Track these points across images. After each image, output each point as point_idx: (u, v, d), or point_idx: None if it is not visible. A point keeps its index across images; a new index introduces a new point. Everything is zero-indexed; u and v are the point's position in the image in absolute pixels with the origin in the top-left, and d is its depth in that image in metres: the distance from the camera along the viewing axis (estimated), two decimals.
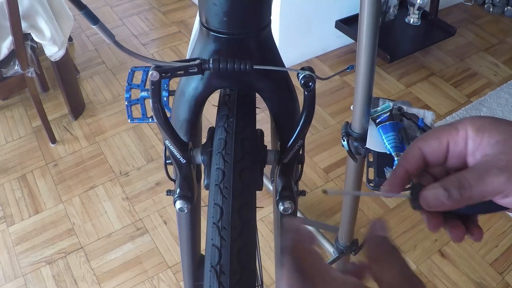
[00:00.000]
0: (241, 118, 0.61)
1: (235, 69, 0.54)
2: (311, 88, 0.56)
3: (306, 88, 0.56)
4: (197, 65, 0.54)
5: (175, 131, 0.60)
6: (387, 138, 0.88)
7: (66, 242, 1.55)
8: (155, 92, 0.55)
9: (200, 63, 0.54)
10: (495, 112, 2.05)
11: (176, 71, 0.54)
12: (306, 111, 0.59)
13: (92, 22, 0.50)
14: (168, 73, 0.54)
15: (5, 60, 1.61)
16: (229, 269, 0.49)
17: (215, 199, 0.54)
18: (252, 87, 0.64)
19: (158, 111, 0.57)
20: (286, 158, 0.63)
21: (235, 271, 0.49)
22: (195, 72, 0.55)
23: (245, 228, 0.52)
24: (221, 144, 0.57)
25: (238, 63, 0.54)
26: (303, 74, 0.56)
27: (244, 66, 0.54)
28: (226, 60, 0.54)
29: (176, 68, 0.54)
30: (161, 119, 0.57)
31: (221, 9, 0.56)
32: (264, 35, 0.62)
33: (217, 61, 0.54)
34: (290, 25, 2.14)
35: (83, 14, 0.49)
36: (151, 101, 0.56)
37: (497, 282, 1.46)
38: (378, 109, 0.95)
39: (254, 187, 0.58)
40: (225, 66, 0.54)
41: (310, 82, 0.56)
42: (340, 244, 1.28)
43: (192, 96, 0.64)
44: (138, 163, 1.81)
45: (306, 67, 0.57)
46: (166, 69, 0.53)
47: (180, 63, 0.54)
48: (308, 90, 0.57)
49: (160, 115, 0.57)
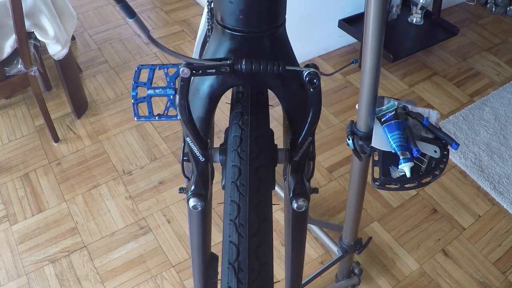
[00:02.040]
0: (255, 115, 0.61)
1: (267, 70, 0.54)
2: (316, 84, 0.57)
3: (311, 85, 0.57)
4: (229, 65, 0.54)
5: (197, 129, 0.60)
6: (392, 137, 0.87)
7: (69, 241, 1.55)
8: (183, 89, 0.55)
9: (233, 63, 0.54)
10: (498, 111, 2.05)
11: (207, 69, 0.54)
12: (313, 108, 0.59)
13: (129, 15, 0.49)
14: (199, 71, 0.53)
15: (9, 58, 1.61)
16: (247, 265, 0.49)
17: (231, 196, 0.53)
18: (266, 85, 0.64)
19: (184, 108, 0.56)
20: (297, 155, 0.63)
21: (253, 268, 0.49)
22: (226, 72, 0.55)
23: (263, 224, 0.52)
24: (236, 142, 0.57)
25: (271, 65, 0.54)
26: (308, 71, 0.56)
27: (277, 67, 0.54)
28: (259, 61, 0.54)
29: (207, 67, 0.54)
30: (186, 116, 0.57)
31: (237, 7, 0.56)
32: (279, 33, 0.61)
33: (250, 62, 0.54)
34: (293, 24, 2.13)
35: (121, 7, 0.48)
36: (178, 98, 0.55)
37: (500, 281, 1.46)
38: (383, 108, 0.95)
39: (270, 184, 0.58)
40: (258, 67, 0.54)
41: (314, 79, 0.56)
42: (344, 243, 1.28)
43: (207, 94, 0.64)
44: (142, 162, 1.81)
45: (311, 64, 0.57)
46: (197, 67, 0.53)
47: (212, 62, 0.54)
48: (313, 87, 0.57)
49: (186, 112, 0.57)
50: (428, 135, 0.91)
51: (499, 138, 1.92)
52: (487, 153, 1.86)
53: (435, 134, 0.90)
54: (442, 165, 0.87)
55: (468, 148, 1.88)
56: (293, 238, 0.79)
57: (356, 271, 1.41)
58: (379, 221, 1.63)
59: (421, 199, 1.70)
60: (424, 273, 1.49)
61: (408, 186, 0.84)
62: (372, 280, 1.47)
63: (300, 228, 0.78)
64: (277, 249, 1.54)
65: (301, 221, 0.77)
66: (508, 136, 1.93)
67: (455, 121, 2.00)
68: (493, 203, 1.69)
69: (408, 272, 1.49)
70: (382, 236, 1.59)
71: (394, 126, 0.89)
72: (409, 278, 1.48)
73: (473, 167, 1.80)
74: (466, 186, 1.75)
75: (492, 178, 1.76)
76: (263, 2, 0.57)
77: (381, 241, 1.57)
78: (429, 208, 1.68)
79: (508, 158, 1.84)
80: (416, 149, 0.85)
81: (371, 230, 1.60)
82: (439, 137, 0.90)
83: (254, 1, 0.56)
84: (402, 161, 0.84)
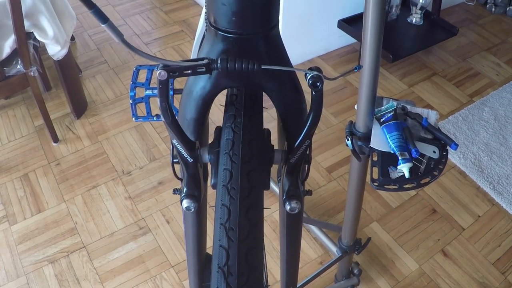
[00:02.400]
0: (248, 118, 0.61)
1: (243, 69, 0.54)
2: (319, 88, 0.56)
3: (314, 88, 0.56)
4: (205, 64, 0.54)
5: (182, 130, 0.60)
6: (391, 137, 0.87)
7: (68, 241, 1.55)
8: (163, 91, 0.55)
9: (208, 62, 0.54)
10: (498, 112, 2.05)
11: (184, 71, 0.54)
12: (313, 111, 0.59)
13: (101, 21, 0.50)
14: (176, 72, 0.53)
15: (8, 59, 1.61)
16: (236, 270, 0.49)
17: (222, 200, 0.53)
18: (259, 86, 0.64)
19: (165, 111, 0.56)
20: (293, 158, 0.63)
21: (243, 272, 0.49)
22: (203, 72, 0.55)
23: (253, 229, 0.52)
24: (228, 145, 0.57)
25: (246, 63, 0.54)
26: (311, 74, 0.56)
27: (252, 66, 0.54)
28: (234, 59, 0.54)
29: (184, 68, 0.54)
30: (169, 118, 0.57)
31: (230, 9, 0.56)
32: (272, 35, 0.61)
33: (225, 61, 0.54)
34: (292, 24, 2.14)
35: (93, 13, 0.49)
36: (158, 100, 0.55)
37: (499, 282, 1.46)
38: (382, 109, 0.95)
39: (262, 187, 0.57)
40: (233, 66, 0.54)
41: (318, 82, 0.56)
42: (343, 244, 1.28)
43: (200, 95, 0.64)
44: (141, 162, 1.81)
45: (314, 67, 0.57)
46: (174, 69, 0.53)
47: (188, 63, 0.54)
48: (316, 90, 0.57)
49: (168, 114, 0.57)
50: (427, 135, 0.91)
51: (498, 138, 1.92)
52: (486, 153, 1.86)
53: (434, 135, 0.90)
54: (441, 166, 0.86)
55: (467, 148, 1.88)
56: (287, 240, 0.79)
57: (356, 271, 1.41)
58: (378, 221, 1.63)
59: (420, 199, 1.70)
60: (424, 274, 1.49)
61: (407, 187, 0.84)
62: (371, 281, 1.46)
63: (295, 229, 0.78)
64: (276, 249, 1.54)
65: (295, 223, 0.77)
66: (508, 136, 1.93)
67: (455, 121, 2.00)
68: (492, 203, 1.69)
69: (408, 272, 1.49)
70: (381, 236, 1.59)
71: (393, 127, 0.89)
72: (408, 278, 1.48)
73: (473, 167, 1.80)
74: (465, 186, 1.75)
75: (491, 178, 1.76)
76: (256, 4, 0.57)
77: (381, 241, 1.57)
78: (429, 209, 1.68)
79: (507, 159, 1.83)
80: (415, 150, 0.85)
81: (371, 231, 1.60)
82: (438, 138, 0.90)
83: (247, 3, 0.56)
84: (401, 162, 0.84)
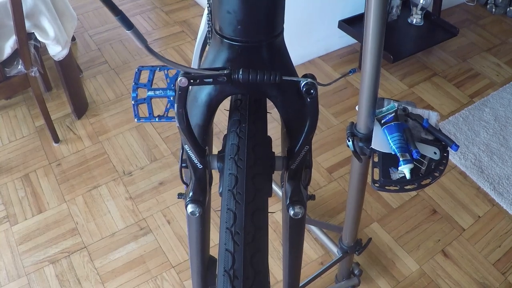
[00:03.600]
0: (253, 123, 0.61)
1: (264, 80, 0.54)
2: (313, 95, 0.57)
3: (308, 95, 0.57)
4: (227, 74, 0.54)
5: (195, 136, 0.60)
6: (392, 138, 0.88)
7: (69, 242, 1.55)
8: (181, 98, 0.55)
9: (230, 73, 0.55)
10: (498, 112, 2.05)
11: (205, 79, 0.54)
12: (310, 117, 0.60)
13: (126, 27, 0.50)
14: (197, 80, 0.54)
15: (9, 59, 1.61)
16: (242, 273, 0.49)
17: (228, 204, 0.54)
18: (264, 93, 0.64)
19: (181, 116, 0.57)
20: (294, 163, 0.63)
21: (248, 276, 0.49)
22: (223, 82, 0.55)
23: (258, 233, 0.52)
24: (233, 150, 0.58)
25: (268, 74, 0.54)
26: (305, 82, 0.56)
27: (274, 77, 0.54)
28: (256, 71, 0.54)
29: (205, 76, 0.54)
30: (184, 124, 0.57)
31: (235, 17, 0.56)
32: (277, 42, 0.62)
33: (247, 72, 0.54)
34: (292, 25, 2.14)
35: (119, 20, 0.49)
36: (175, 107, 0.56)
37: (500, 282, 1.46)
38: (383, 110, 0.95)
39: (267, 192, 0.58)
40: (255, 77, 0.54)
41: (311, 90, 0.56)
42: (344, 244, 1.29)
43: (205, 102, 0.64)
44: (142, 162, 1.81)
45: (308, 74, 0.57)
46: (194, 76, 0.53)
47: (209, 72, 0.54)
48: (310, 97, 0.57)
49: (183, 120, 0.57)
50: (428, 136, 0.91)
51: (499, 139, 1.92)
52: (487, 154, 1.86)
53: (435, 136, 0.91)
54: (442, 167, 0.87)
55: (468, 149, 1.88)
56: (290, 243, 0.79)
57: (356, 272, 1.41)
58: (379, 222, 1.63)
59: (421, 200, 1.70)
60: (424, 274, 1.49)
61: (408, 188, 0.85)
62: (372, 281, 1.47)
63: (298, 234, 0.78)
64: (277, 250, 1.54)
65: (298, 227, 0.78)
66: (508, 137, 1.94)
67: (455, 122, 2.00)
68: (493, 204, 1.70)
69: (408, 273, 1.49)
70: (382, 237, 1.59)
71: (394, 128, 0.89)
72: (408, 279, 1.48)
73: (473, 168, 1.80)
74: (466, 187, 1.75)
75: (492, 179, 1.76)
76: (261, 12, 0.58)
77: (381, 242, 1.57)
78: (429, 209, 1.68)
79: (508, 159, 1.84)
80: (415, 151, 0.85)
81: (371, 231, 1.60)
82: (438, 139, 0.90)
83: (252, 12, 0.57)
84: (401, 163, 0.84)
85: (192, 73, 0.54)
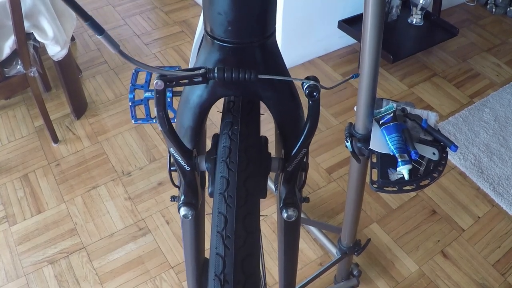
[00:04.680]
0: (245, 125, 0.60)
1: (239, 78, 0.54)
2: (316, 97, 0.57)
3: (311, 98, 0.57)
4: (202, 74, 0.54)
5: (179, 138, 0.60)
6: (391, 139, 0.87)
7: (68, 242, 1.55)
8: (159, 100, 0.55)
9: (205, 72, 0.54)
10: (498, 113, 2.05)
11: (181, 80, 0.54)
12: (310, 120, 0.59)
13: (97, 32, 0.50)
14: (173, 81, 0.54)
15: (8, 59, 1.61)
16: (233, 278, 0.49)
17: (219, 207, 0.53)
18: (256, 95, 0.64)
19: (162, 119, 0.57)
20: (290, 166, 0.63)
21: (239, 280, 0.49)
22: (200, 81, 0.55)
23: (249, 237, 0.52)
24: (225, 152, 0.57)
25: (243, 73, 0.54)
26: (308, 84, 0.56)
27: (248, 75, 0.54)
28: (231, 69, 0.54)
29: (180, 77, 0.54)
30: (166, 127, 0.57)
31: (226, 18, 0.56)
32: (268, 43, 0.61)
33: (222, 71, 0.54)
34: (292, 25, 2.14)
35: (89, 25, 0.49)
36: (155, 110, 0.56)
37: (499, 283, 1.46)
38: (381, 110, 0.95)
39: (258, 195, 0.57)
40: (230, 76, 0.54)
41: (314, 92, 0.56)
42: (343, 245, 1.28)
43: (197, 104, 0.64)
44: (141, 163, 1.81)
45: (311, 77, 0.57)
46: (170, 78, 0.53)
47: (184, 72, 0.54)
48: (312, 100, 0.57)
49: (165, 123, 0.57)
50: (426, 137, 0.91)
51: (498, 139, 1.92)
52: (486, 154, 1.86)
53: (434, 136, 0.90)
54: (441, 168, 0.86)
55: (467, 149, 1.88)
56: (285, 245, 0.79)
57: (355, 272, 1.40)
58: (378, 222, 1.63)
59: (420, 201, 1.70)
60: (423, 275, 1.48)
61: (406, 189, 0.84)
62: (371, 282, 1.46)
63: (292, 236, 0.78)
64: (275, 250, 1.54)
65: (293, 230, 0.77)
66: (508, 137, 1.93)
67: (455, 122, 2.00)
68: (492, 205, 1.69)
69: (407, 273, 1.49)
70: (381, 237, 1.59)
71: (393, 128, 0.88)
72: (408, 279, 1.47)
73: (473, 168, 1.80)
74: (465, 187, 1.75)
75: (491, 180, 1.76)
76: (252, 13, 0.57)
77: (380, 242, 1.57)
78: (428, 210, 1.67)
79: (507, 160, 1.83)
80: (414, 152, 0.85)
81: (370, 232, 1.60)
82: (437, 139, 0.90)
83: (243, 13, 0.56)
84: (400, 164, 0.84)
85: (168, 75, 0.53)
